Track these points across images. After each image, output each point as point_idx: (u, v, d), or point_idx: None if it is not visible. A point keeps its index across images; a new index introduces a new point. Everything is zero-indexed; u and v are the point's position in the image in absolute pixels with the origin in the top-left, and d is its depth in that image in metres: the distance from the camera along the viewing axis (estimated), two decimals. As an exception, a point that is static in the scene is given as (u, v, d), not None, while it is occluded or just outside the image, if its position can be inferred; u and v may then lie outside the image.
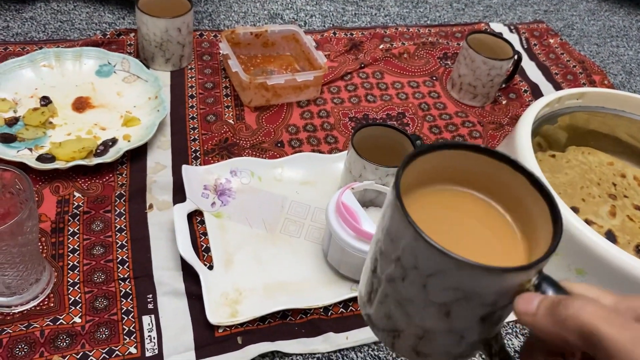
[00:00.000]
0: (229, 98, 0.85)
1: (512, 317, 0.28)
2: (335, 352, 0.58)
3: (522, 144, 0.69)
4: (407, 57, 0.99)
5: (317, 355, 0.57)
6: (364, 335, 0.59)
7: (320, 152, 0.79)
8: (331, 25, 1.04)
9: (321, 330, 0.59)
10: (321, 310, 0.61)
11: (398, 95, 0.91)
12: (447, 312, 0.29)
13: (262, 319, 0.59)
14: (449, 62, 1.00)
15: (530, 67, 1.03)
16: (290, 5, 1.08)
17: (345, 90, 0.90)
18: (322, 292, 0.62)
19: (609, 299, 0.27)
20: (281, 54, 0.93)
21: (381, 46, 1.00)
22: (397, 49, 1.00)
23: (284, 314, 0.60)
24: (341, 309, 0.61)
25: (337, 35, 1.01)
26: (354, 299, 0.62)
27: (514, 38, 1.10)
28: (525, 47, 1.09)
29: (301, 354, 0.57)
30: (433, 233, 0.27)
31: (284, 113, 0.84)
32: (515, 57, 0.89)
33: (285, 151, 0.79)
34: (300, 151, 0.78)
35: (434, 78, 0.96)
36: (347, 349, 0.58)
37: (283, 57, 0.93)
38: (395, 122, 0.86)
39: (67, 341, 0.54)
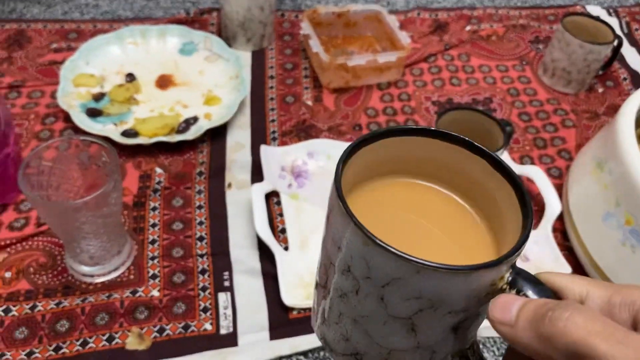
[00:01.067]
0: (308, 79, 0.84)
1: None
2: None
3: (623, 137, 0.63)
4: (496, 39, 0.94)
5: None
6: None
7: (400, 136, 0.76)
8: (415, 6, 1.01)
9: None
10: (398, 299, 0.58)
11: (485, 79, 0.87)
12: (412, 326, 0.25)
13: (337, 304, 0.57)
14: (540, 46, 0.94)
15: (630, 54, 0.95)
16: (373, -15, 1.04)
17: (429, 72, 0.87)
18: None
19: (600, 293, 0.23)
20: (362, 35, 0.91)
21: (468, 28, 0.96)
22: (485, 31, 0.95)
23: (359, 300, 0.58)
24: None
25: (420, 15, 0.97)
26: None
27: (613, 22, 1.02)
28: (626, 31, 1.01)
29: (376, 343, 0.55)
30: (385, 234, 0.23)
31: (363, 95, 0.82)
32: (616, 42, 0.83)
33: (363, 135, 0.76)
34: (380, 135, 0.76)
35: (524, 62, 0.90)
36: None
37: (364, 38, 0.90)
38: (481, 107, 0.82)
39: (145, 313, 0.55)
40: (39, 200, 0.49)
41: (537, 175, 0.68)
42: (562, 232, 0.66)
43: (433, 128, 0.29)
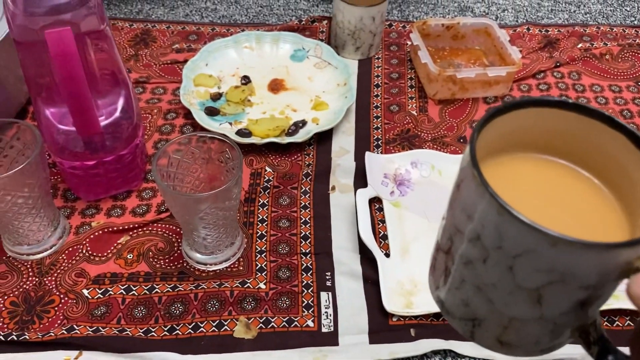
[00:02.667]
0: (413, 89, 0.85)
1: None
2: (511, 361, 0.55)
3: None
4: (610, 58, 0.91)
5: (491, 362, 0.55)
6: (544, 350, 0.55)
7: (505, 152, 0.75)
8: (525, 21, 0.99)
9: (498, 336, 0.56)
10: (499, 316, 0.58)
11: (597, 99, 0.84)
12: (538, 297, 0.24)
13: (437, 315, 0.58)
14: (658, 67, 0.90)
15: None
16: (481, -1, 1.04)
17: (537, 89, 0.85)
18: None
19: None
20: (470, 48, 0.90)
21: (579, 45, 0.93)
22: (598, 49, 0.92)
23: (458, 313, 0.58)
24: (520, 318, 0.58)
25: (530, 31, 0.96)
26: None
27: None
28: None
29: (475, 358, 0.55)
30: (518, 206, 0.23)
31: (469, 108, 0.82)
32: None
33: (468, 148, 0.76)
34: (484, 149, 0.75)
35: (640, 83, 0.87)
36: (524, 361, 0.55)
37: (471, 51, 0.90)
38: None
39: (252, 304, 0.58)
40: (170, 190, 0.53)
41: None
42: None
43: (571, 100, 0.28)
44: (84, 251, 0.62)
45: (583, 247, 0.22)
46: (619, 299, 0.53)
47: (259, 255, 0.62)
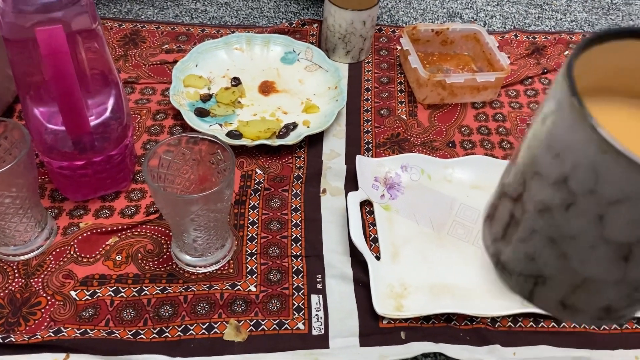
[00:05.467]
0: (403, 94, 0.85)
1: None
2: (500, 365, 0.55)
3: None
4: (596, 66, 0.92)
5: (480, 365, 0.55)
6: (533, 354, 0.56)
7: (494, 156, 0.76)
8: (512, 27, 1.00)
9: (487, 341, 0.57)
10: (488, 320, 0.58)
11: (583, 105, 0.85)
12: (628, 254, 0.21)
13: (426, 318, 0.58)
14: (643, 75, 0.91)
15: None
16: (470, 5, 1.05)
17: (525, 95, 0.86)
18: (491, 302, 0.60)
19: None
20: (458, 53, 0.91)
21: (566, 52, 0.94)
22: (585, 57, 0.93)
23: (448, 317, 0.58)
24: (509, 323, 0.58)
25: (518, 37, 0.97)
26: (524, 315, 0.59)
27: None
28: None
29: (464, 360, 0.55)
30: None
31: (458, 113, 0.82)
32: None
33: (457, 152, 0.77)
34: (473, 154, 0.76)
35: (625, 91, 0.88)
36: (513, 364, 0.56)
37: (460, 57, 0.91)
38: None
39: (242, 307, 0.58)
40: (161, 191, 0.52)
41: None
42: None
43: None
44: (72, 252, 0.61)
45: None
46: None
47: (250, 258, 0.62)
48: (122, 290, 0.58)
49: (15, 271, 0.59)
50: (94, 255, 0.61)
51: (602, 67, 0.24)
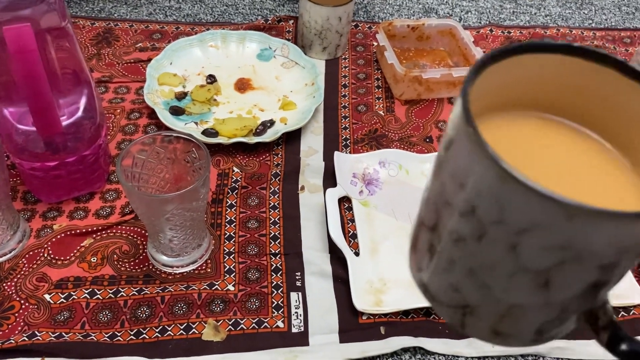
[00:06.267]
0: (380, 90, 0.85)
1: None
2: (479, 358, 0.56)
3: None
4: (570, 60, 0.93)
5: (460, 359, 0.56)
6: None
7: (470, 151, 0.76)
8: (487, 22, 1.01)
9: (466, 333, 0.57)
10: (467, 312, 0.59)
11: (558, 99, 0.86)
12: (546, 280, 0.21)
13: (406, 313, 0.58)
14: (615, 69, 0.93)
15: None
16: (445, 0, 1.05)
17: (501, 90, 0.87)
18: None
19: None
20: (434, 49, 0.91)
21: (541, 47, 0.95)
22: (559, 51, 0.94)
23: (427, 311, 0.58)
24: (488, 315, 0.59)
25: (493, 32, 0.97)
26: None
27: (692, 47, 0.99)
28: None
29: (444, 355, 0.56)
30: (523, 164, 0.19)
31: (434, 108, 0.83)
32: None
33: (434, 147, 0.77)
34: (450, 148, 0.76)
35: (598, 84, 0.89)
36: (491, 357, 0.56)
37: (436, 52, 0.91)
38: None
39: (221, 306, 0.57)
40: (135, 191, 0.51)
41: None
42: None
43: (578, 44, 0.23)
44: (46, 255, 0.60)
45: (608, 218, 0.18)
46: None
47: (228, 257, 0.61)
48: (98, 292, 0.57)
49: (-13, 275, 0.58)
50: (68, 257, 0.60)
51: (503, 83, 0.24)
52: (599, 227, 0.19)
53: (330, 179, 0.70)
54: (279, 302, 0.58)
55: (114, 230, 0.63)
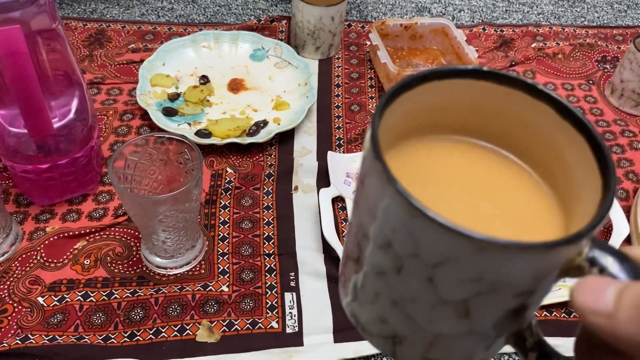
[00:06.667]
0: (373, 89, 0.85)
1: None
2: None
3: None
4: (562, 57, 0.93)
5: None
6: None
7: (464, 149, 0.77)
8: (480, 21, 1.01)
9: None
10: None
11: (551, 97, 0.86)
12: (466, 311, 0.21)
13: (400, 311, 0.58)
14: (607, 66, 0.93)
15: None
16: (438, -1, 1.05)
17: (494, 88, 0.87)
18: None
19: None
20: (427, 48, 0.91)
21: (533, 45, 0.95)
22: (551, 49, 0.94)
23: (421, 309, 0.58)
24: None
25: (486, 31, 0.98)
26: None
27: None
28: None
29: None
30: (434, 203, 0.19)
31: (428, 107, 0.83)
32: (690, 64, 0.81)
33: (428, 146, 0.77)
34: (443, 147, 0.76)
35: (591, 82, 0.90)
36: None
37: (429, 51, 0.91)
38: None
39: (215, 307, 0.57)
40: (127, 193, 0.51)
41: (604, 196, 0.67)
42: (629, 255, 0.65)
43: (486, 68, 0.23)
44: (39, 257, 0.59)
45: (517, 251, 0.18)
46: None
47: (221, 258, 0.61)
48: (92, 295, 0.57)
49: (-20, 279, 0.57)
50: (61, 259, 0.60)
51: (419, 108, 0.24)
52: (509, 259, 0.19)
53: (323, 179, 0.70)
54: (273, 303, 0.58)
55: (107, 232, 0.63)
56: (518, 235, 0.20)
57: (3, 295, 0.56)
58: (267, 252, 0.62)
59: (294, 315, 0.57)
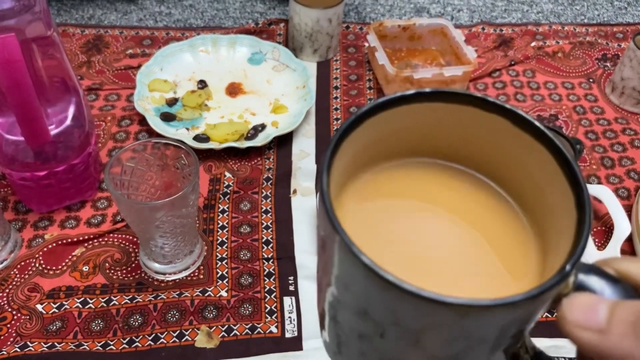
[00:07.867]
0: (371, 91, 0.85)
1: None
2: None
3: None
4: (562, 56, 0.93)
5: None
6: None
7: (463, 150, 0.76)
8: (479, 21, 1.01)
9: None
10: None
11: (550, 96, 0.86)
12: None
13: (400, 314, 0.58)
14: (608, 64, 0.92)
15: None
16: None
17: (493, 87, 0.87)
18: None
19: None
20: (426, 48, 0.91)
21: (533, 44, 0.95)
22: (551, 48, 0.94)
23: (422, 312, 0.58)
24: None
25: (485, 30, 0.97)
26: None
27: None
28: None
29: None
30: (402, 247, 0.18)
31: (427, 108, 0.82)
32: (690, 60, 0.80)
33: (427, 147, 0.77)
34: (443, 148, 0.76)
35: (591, 80, 0.89)
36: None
37: (428, 52, 0.91)
38: (547, 124, 0.81)
39: (214, 313, 0.57)
40: (124, 199, 0.51)
41: (605, 195, 0.67)
42: (631, 254, 0.64)
43: (456, 90, 0.22)
44: (37, 265, 0.59)
45: (501, 308, 0.18)
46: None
47: (220, 263, 0.61)
48: (90, 301, 0.57)
49: (-21, 287, 0.57)
50: (60, 266, 0.60)
51: (385, 134, 0.22)
52: (493, 316, 0.18)
53: (322, 182, 0.70)
54: (272, 307, 0.58)
55: (106, 239, 0.62)
56: (498, 278, 0.20)
57: (2, 303, 0.56)
58: (266, 256, 0.62)
59: (293, 320, 0.57)
